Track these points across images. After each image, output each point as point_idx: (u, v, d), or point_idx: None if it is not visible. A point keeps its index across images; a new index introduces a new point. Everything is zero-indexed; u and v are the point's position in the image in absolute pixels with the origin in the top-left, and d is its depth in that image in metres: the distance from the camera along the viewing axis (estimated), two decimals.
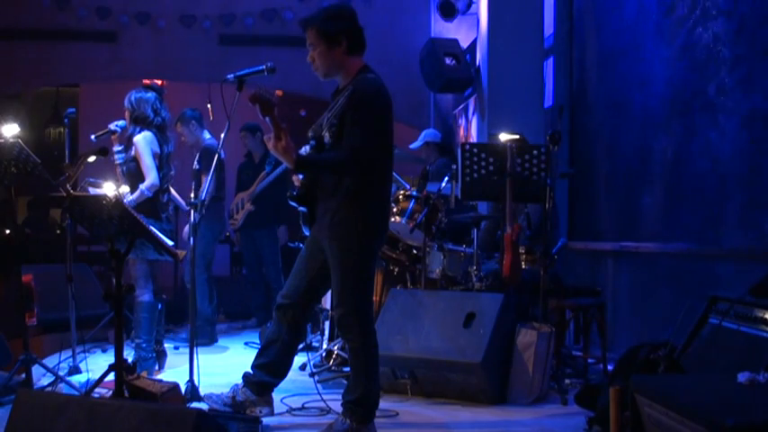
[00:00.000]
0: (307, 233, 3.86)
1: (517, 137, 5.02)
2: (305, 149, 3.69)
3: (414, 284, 5.34)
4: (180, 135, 6.39)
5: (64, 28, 8.90)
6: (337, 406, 3.78)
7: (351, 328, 3.62)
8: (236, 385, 3.91)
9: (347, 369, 4.40)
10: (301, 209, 3.75)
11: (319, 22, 3.60)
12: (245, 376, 3.90)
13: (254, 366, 3.89)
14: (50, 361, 4.96)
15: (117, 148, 5.09)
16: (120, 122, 5.11)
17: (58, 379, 4.38)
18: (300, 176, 3.75)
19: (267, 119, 3.46)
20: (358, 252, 3.59)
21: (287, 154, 3.46)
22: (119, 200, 3.71)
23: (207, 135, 6.47)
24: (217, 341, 6.52)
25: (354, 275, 3.59)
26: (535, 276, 4.73)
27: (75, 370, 4.80)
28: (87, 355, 4.94)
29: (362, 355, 3.63)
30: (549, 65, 7.03)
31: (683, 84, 5.09)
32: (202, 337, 6.38)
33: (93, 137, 5.05)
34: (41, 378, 4.57)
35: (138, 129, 4.99)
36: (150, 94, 5.05)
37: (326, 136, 3.59)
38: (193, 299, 4.49)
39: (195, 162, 5.09)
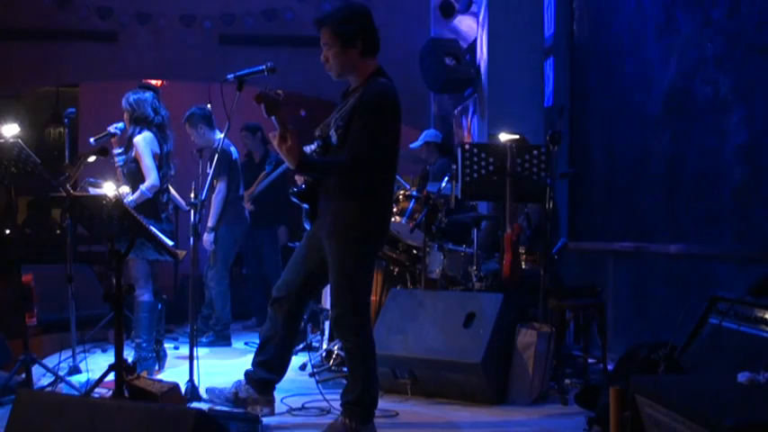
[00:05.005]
0: (308, 227, 3.86)
1: (517, 137, 5.02)
2: (310, 148, 3.69)
3: (414, 284, 5.34)
4: (189, 135, 6.35)
5: (64, 28, 8.90)
6: (338, 406, 3.78)
7: (347, 328, 3.62)
8: (239, 382, 3.92)
9: (347, 369, 4.40)
10: (304, 206, 3.76)
11: (335, 22, 3.57)
12: (247, 374, 3.91)
13: (253, 364, 3.91)
14: (50, 361, 4.95)
15: (117, 150, 5.08)
16: (120, 125, 5.10)
17: (58, 379, 4.38)
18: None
19: (273, 118, 3.45)
20: (357, 253, 3.59)
21: (290, 154, 3.45)
22: (119, 200, 3.71)
23: (218, 135, 6.21)
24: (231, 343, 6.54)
25: (352, 276, 3.59)
26: (535, 276, 4.73)
27: (75, 370, 4.80)
28: (87, 355, 4.94)
29: (358, 355, 3.63)
30: (549, 65, 7.03)
31: (682, 84, 5.09)
32: (222, 340, 6.41)
33: (92, 140, 5.02)
34: (41, 378, 4.57)
35: (138, 129, 4.98)
36: (148, 94, 5.05)
37: (333, 136, 3.59)
38: (193, 299, 4.48)
39: (206, 165, 5.03)
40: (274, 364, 3.88)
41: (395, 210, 5.20)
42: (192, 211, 4.28)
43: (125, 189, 5.00)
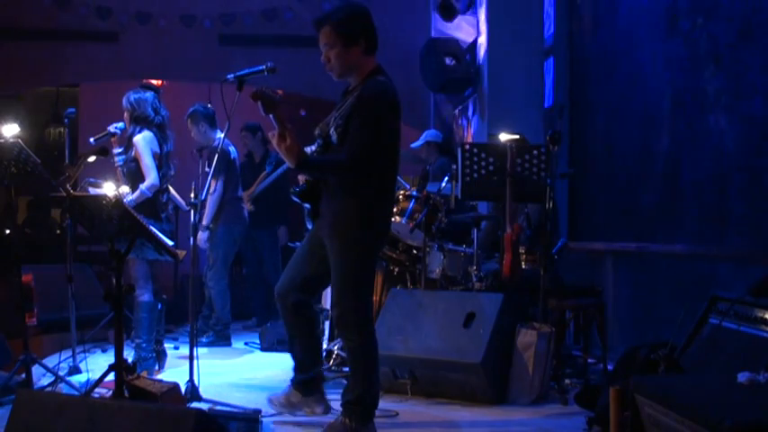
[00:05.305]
0: (310, 226, 3.86)
1: (517, 137, 5.02)
2: (311, 148, 3.70)
3: (414, 284, 5.34)
4: (190, 131, 6.36)
5: (64, 28, 8.90)
6: (338, 406, 3.78)
7: (348, 327, 3.62)
8: (290, 386, 3.92)
9: (347, 369, 4.41)
10: (305, 205, 3.76)
11: (336, 22, 3.56)
12: (292, 379, 3.91)
13: (293, 369, 3.91)
14: (50, 361, 4.96)
15: (117, 150, 5.09)
16: (120, 124, 5.10)
17: (58, 379, 4.38)
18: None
19: (271, 116, 3.45)
20: (359, 252, 3.58)
21: (290, 153, 3.45)
22: (119, 200, 3.71)
23: (219, 134, 6.23)
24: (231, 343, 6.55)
25: (354, 275, 3.59)
26: (535, 276, 4.73)
27: (75, 370, 4.81)
28: (87, 355, 4.94)
29: (360, 354, 3.63)
30: (549, 65, 7.03)
31: (682, 84, 5.09)
32: (222, 340, 6.42)
33: (92, 140, 5.03)
34: (41, 378, 4.57)
35: (138, 129, 4.98)
36: (148, 94, 5.05)
37: (333, 135, 3.59)
38: (193, 299, 4.48)
39: (205, 164, 5.04)
40: (305, 363, 3.86)
41: (395, 210, 5.20)
42: (192, 211, 4.28)
43: (125, 189, 5.00)
